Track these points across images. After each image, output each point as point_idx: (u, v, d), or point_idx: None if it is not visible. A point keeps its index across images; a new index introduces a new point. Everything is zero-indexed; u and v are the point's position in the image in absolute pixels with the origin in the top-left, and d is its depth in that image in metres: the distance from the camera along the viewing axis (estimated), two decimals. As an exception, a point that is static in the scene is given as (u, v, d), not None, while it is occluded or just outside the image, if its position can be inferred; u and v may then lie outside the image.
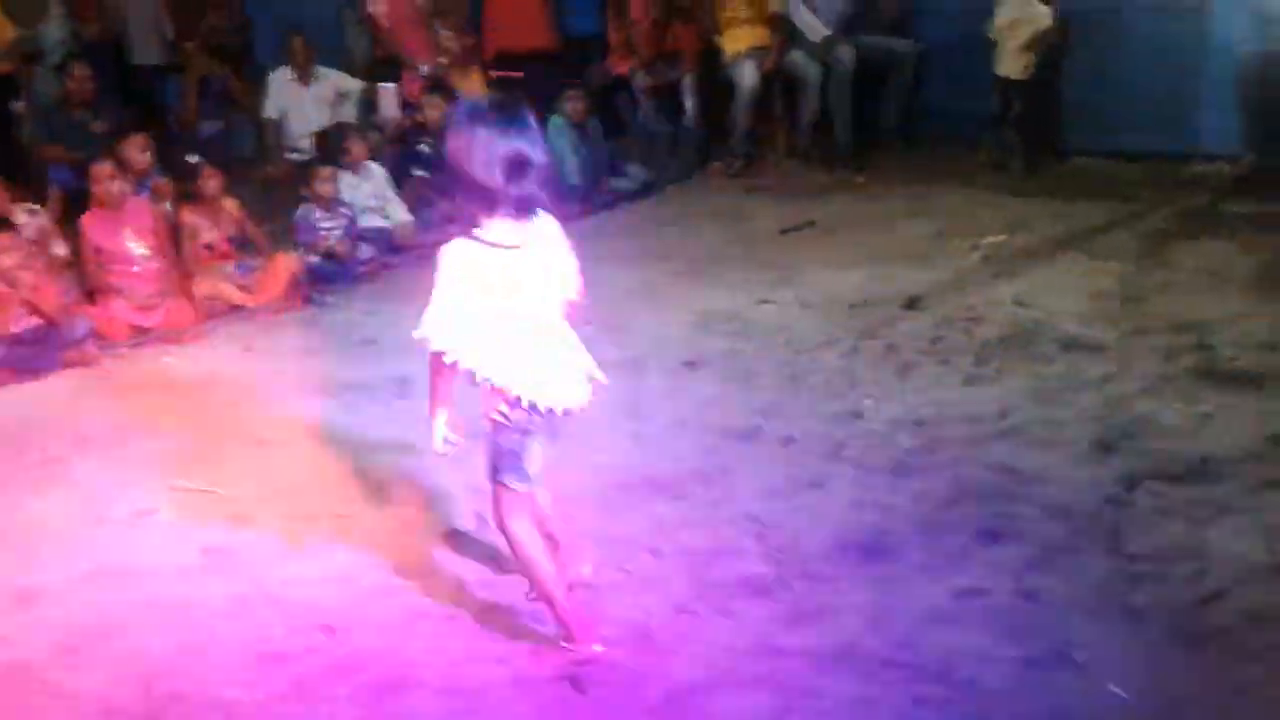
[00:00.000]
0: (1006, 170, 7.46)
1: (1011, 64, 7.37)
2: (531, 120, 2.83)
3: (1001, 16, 7.37)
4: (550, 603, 3.08)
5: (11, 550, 3.75)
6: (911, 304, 5.38)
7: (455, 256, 2.83)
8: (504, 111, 2.82)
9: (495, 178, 2.76)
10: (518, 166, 2.77)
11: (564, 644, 3.07)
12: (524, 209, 2.82)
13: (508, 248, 2.82)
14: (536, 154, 2.80)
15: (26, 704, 3.02)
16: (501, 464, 2.99)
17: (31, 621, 3.36)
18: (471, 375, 2.90)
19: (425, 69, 8.03)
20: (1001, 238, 6.22)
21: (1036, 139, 7.52)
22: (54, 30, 8.35)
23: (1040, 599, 3.19)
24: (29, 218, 5.93)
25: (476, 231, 2.83)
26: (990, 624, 3.10)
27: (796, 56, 7.95)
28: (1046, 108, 7.55)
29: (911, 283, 5.61)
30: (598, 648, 3.05)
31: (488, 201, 2.81)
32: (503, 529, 3.07)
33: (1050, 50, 7.35)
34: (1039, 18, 7.29)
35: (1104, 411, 4.22)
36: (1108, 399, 4.32)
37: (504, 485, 3.00)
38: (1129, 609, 3.12)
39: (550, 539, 3.24)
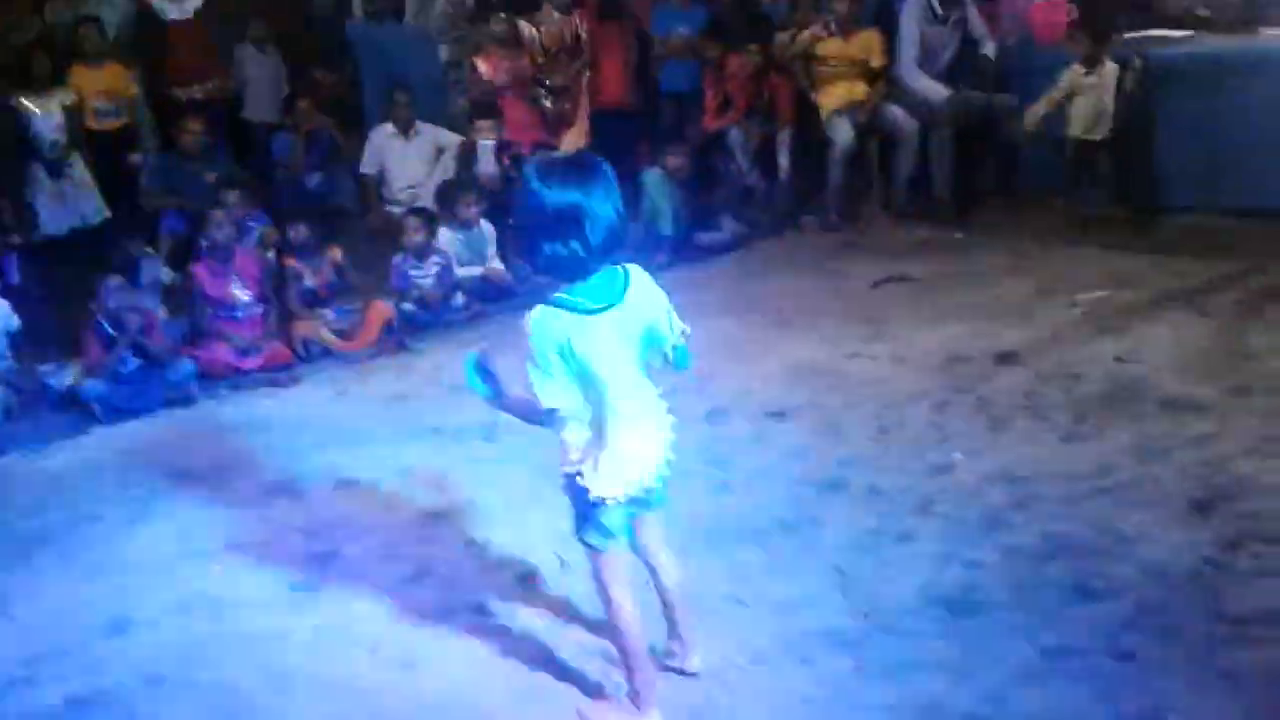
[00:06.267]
0: (1088, 230, 7.26)
1: (1081, 124, 7.23)
2: (603, 176, 2.60)
3: (1059, 88, 7.26)
4: (628, 666, 2.99)
5: (107, 580, 3.86)
6: (1006, 359, 5.27)
7: (537, 325, 2.64)
8: (571, 168, 2.61)
9: (553, 238, 2.57)
10: (575, 223, 2.55)
11: (631, 706, 2.99)
12: (583, 270, 2.62)
13: (588, 313, 2.63)
14: (603, 210, 2.57)
15: (114, 731, 3.10)
16: (579, 521, 2.87)
17: (122, 650, 3.46)
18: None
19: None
20: (1103, 294, 6.08)
21: (1123, 197, 7.32)
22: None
23: (1134, 659, 3.09)
24: (148, 263, 6.18)
25: (557, 296, 2.64)
26: (1081, 683, 3.00)
27: (893, 111, 7.92)
28: (1132, 165, 7.34)
29: (1007, 339, 5.50)
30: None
31: (555, 265, 2.61)
32: (596, 584, 2.97)
33: (1129, 105, 7.18)
34: (1105, 76, 7.16)
35: (1204, 471, 4.08)
36: (1208, 459, 4.16)
37: (586, 543, 2.89)
38: (1226, 672, 3.00)
39: (667, 606, 3.12)
